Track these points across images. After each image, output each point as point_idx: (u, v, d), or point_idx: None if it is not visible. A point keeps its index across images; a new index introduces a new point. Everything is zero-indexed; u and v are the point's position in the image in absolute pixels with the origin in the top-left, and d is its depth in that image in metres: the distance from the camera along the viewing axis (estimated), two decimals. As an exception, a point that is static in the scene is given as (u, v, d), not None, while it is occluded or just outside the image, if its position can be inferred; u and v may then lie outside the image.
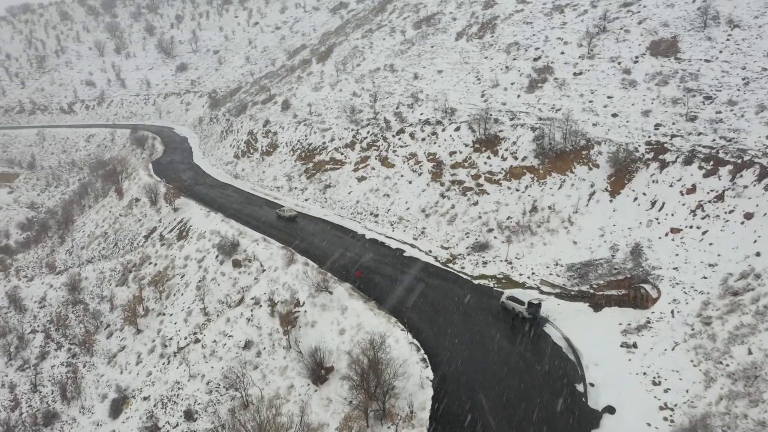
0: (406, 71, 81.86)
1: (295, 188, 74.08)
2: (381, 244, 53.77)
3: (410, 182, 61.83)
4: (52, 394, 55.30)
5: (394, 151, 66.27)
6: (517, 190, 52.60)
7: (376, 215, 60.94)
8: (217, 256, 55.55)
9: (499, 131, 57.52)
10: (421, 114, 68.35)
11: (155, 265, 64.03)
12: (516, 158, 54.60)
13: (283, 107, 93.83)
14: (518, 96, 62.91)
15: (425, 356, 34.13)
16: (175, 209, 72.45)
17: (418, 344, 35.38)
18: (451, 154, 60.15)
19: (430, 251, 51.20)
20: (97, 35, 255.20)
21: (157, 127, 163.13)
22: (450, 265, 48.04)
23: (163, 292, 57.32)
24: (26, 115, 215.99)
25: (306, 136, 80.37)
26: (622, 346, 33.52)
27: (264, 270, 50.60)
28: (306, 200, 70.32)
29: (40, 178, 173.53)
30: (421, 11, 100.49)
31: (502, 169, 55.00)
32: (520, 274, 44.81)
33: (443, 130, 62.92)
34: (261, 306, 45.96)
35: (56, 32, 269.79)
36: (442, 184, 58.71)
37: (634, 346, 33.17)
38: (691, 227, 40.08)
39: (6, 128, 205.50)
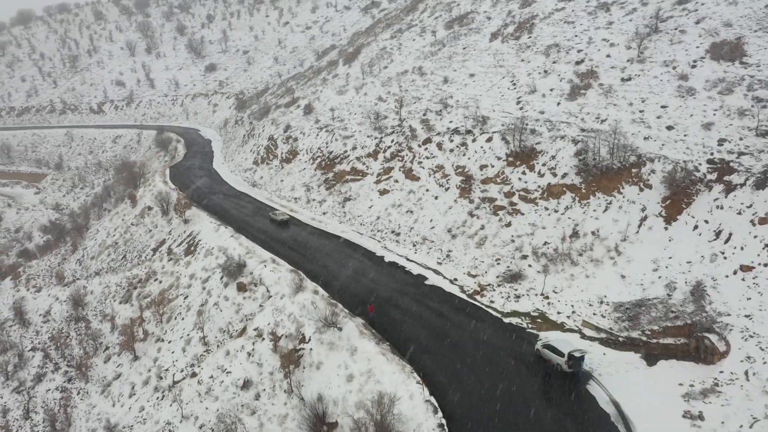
0: (435, 74, 76.49)
1: (314, 200, 69.39)
2: (401, 268, 48.48)
3: (436, 198, 56.52)
4: (43, 422, 51.62)
5: (420, 163, 61.04)
6: (556, 211, 46.80)
7: (398, 234, 55.74)
8: (221, 278, 51.08)
9: (536, 143, 51.74)
10: (450, 122, 62.94)
11: (160, 282, 60.05)
12: (555, 175, 48.76)
13: (306, 111, 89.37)
14: (558, 104, 56.94)
15: (443, 421, 28.71)
16: (186, 221, 68.51)
17: (436, 404, 29.96)
18: (482, 167, 54.59)
19: (456, 279, 45.75)
20: (129, 35, 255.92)
21: (183, 128, 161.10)
22: (477, 297, 42.55)
23: (164, 314, 53.19)
24: (57, 114, 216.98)
25: (327, 143, 75.66)
26: (684, 416, 27.63)
27: (270, 296, 45.88)
28: (324, 214, 65.52)
29: (66, 179, 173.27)
30: (453, 10, 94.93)
31: (539, 186, 49.22)
32: (558, 312, 39.05)
33: (474, 140, 57.40)
34: (264, 339, 41.20)
35: (90, 32, 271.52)
36: (471, 201, 53.22)
37: (700, 417, 27.25)
38: (766, 265, 33.83)
39: (36, 128, 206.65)
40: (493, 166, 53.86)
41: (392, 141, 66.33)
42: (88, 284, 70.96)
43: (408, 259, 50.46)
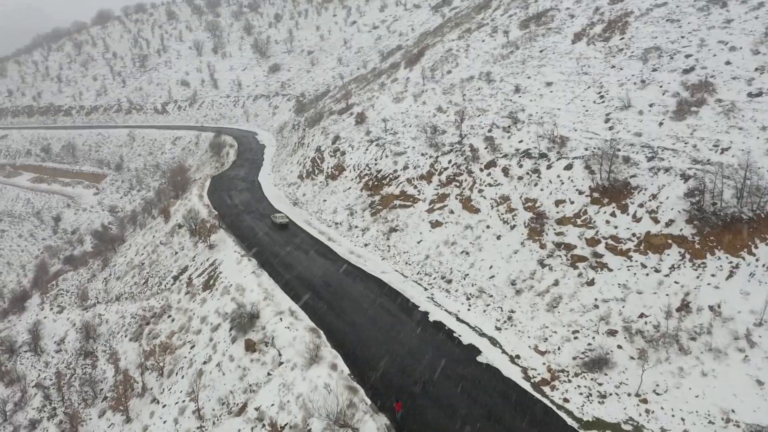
0: (505, 82, 65.63)
1: (356, 227, 60.16)
2: (447, 333, 38.23)
3: (498, 238, 45.99)
4: (22, 487, 44.91)
5: (481, 191, 50.60)
6: (657, 271, 35.43)
7: (449, 281, 45.57)
8: (230, 329, 42.53)
9: (631, 176, 40.35)
10: (520, 141, 52.12)
11: (173, 320, 52.35)
12: (656, 221, 37.31)
13: (357, 121, 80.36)
14: (661, 124, 45.06)
15: None
16: (211, 246, 60.79)
17: None
18: (558, 203, 43.62)
19: (518, 357, 35.18)
20: (198, 34, 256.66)
21: (241, 131, 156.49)
22: (546, 389, 31.90)
23: (165, 366, 45.27)
24: (123, 114, 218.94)
25: (376, 159, 66.26)
26: None
27: (281, 362, 36.82)
28: (365, 246, 56.13)
29: (125, 181, 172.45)
30: (530, 7, 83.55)
31: (634, 234, 37.91)
32: (663, 430, 27.93)
33: (549, 167, 46.46)
34: (264, 427, 32.19)
35: (161, 31, 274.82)
36: (542, 246, 42.43)
37: None
38: None
39: (102, 127, 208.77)
40: (572, 203, 42.81)
41: (449, 162, 56.15)
42: (106, 311, 64.73)
43: (458, 319, 40.21)
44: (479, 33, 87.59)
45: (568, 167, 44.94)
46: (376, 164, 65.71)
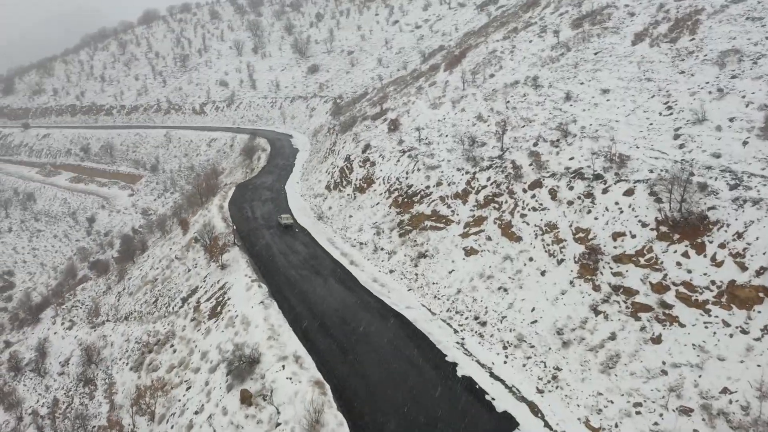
0: (554, 88, 58.61)
1: (382, 249, 54.16)
2: (478, 395, 31.72)
3: (543, 273, 39.33)
4: None
5: (523, 216, 43.96)
6: (745, 332, 28.32)
7: (483, 323, 39.13)
8: (228, 374, 37.09)
9: (709, 208, 33.18)
10: (571, 159, 45.21)
11: (174, 351, 47.47)
12: (744, 267, 30.10)
13: (390, 128, 74.40)
14: (745, 143, 37.59)
15: None
16: (222, 266, 55.74)
17: None
18: (617, 236, 36.68)
19: (564, 434, 28.69)
20: (239, 34, 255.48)
21: (276, 134, 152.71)
22: (600, 486, 25.34)
23: (158, 409, 40.26)
24: (162, 114, 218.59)
25: (407, 173, 60.15)
26: None
27: (278, 424, 31.17)
28: (391, 272, 50.06)
29: (159, 182, 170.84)
30: (584, 5, 76.07)
31: (714, 282, 30.80)
32: None
33: (605, 191, 39.50)
34: None
35: (204, 31, 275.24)
36: (596, 288, 35.61)
37: None
38: None
39: (140, 127, 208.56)
40: (633, 237, 35.81)
41: (488, 179, 49.58)
42: (113, 332, 60.67)
43: (492, 374, 33.74)
44: (526, 33, 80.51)
45: (629, 192, 37.90)
46: (407, 178, 59.59)
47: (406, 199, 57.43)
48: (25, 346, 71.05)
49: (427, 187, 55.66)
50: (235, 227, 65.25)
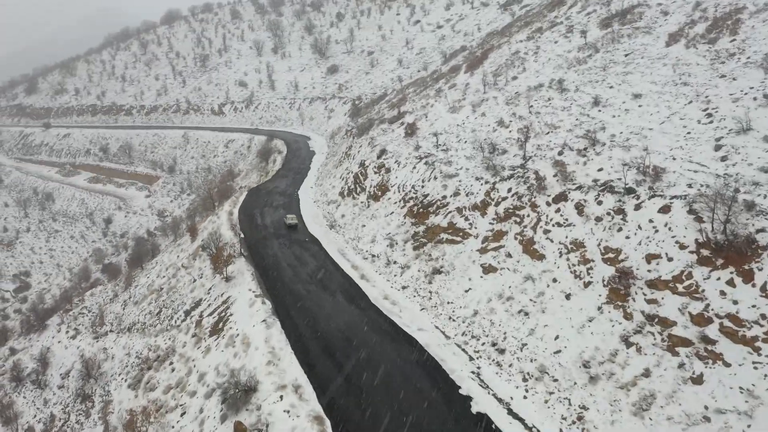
0: (581, 92, 55.03)
1: (395, 263, 51.13)
2: (494, 436, 28.77)
3: (568, 297, 35.98)
4: None
5: (547, 232, 40.61)
6: (803, 377, 24.83)
7: (502, 350, 35.88)
8: (222, 401, 34.34)
9: (758, 231, 29.55)
10: (600, 170, 41.70)
11: (173, 370, 45.03)
12: (800, 300, 26.59)
13: (407, 132, 71.34)
14: (797, 156, 33.95)
15: None
16: (227, 278, 53.15)
17: None
18: (651, 258, 33.19)
19: (592, 488, 25.40)
20: (260, 34, 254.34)
21: (294, 135, 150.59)
22: None
23: (149, 435, 37.83)
24: (181, 114, 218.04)
25: (423, 181, 57.02)
26: None
27: (272, 463, 28.39)
28: (403, 289, 47.01)
29: (176, 184, 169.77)
30: (613, 3, 72.20)
31: (764, 316, 27.25)
32: None
33: (638, 207, 36.00)
34: None
35: (224, 31, 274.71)
36: (627, 316, 32.19)
37: None
38: None
39: (158, 128, 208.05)
40: (670, 260, 32.28)
41: (509, 190, 46.27)
42: (115, 344, 58.61)
43: (510, 412, 30.54)
44: (551, 33, 76.90)
45: (665, 210, 34.37)
46: (423, 187, 56.45)
47: (421, 209, 54.31)
48: (29, 354, 69.36)
49: (444, 197, 52.49)
50: (242, 236, 62.74)
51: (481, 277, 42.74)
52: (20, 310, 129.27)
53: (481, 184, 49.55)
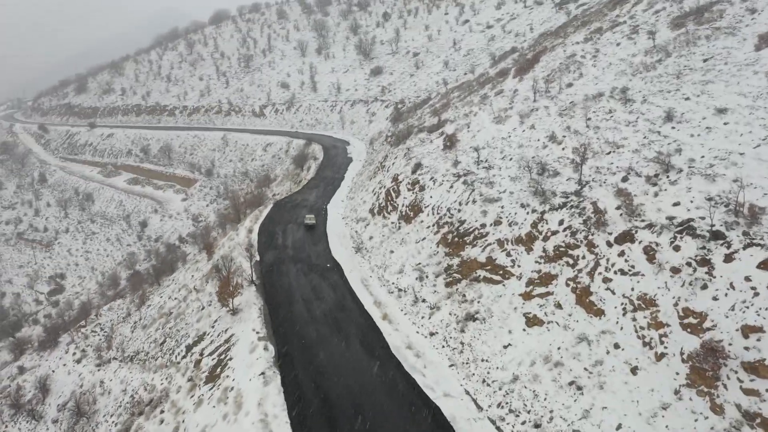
0: (649, 104, 46.90)
1: (423, 301, 44.24)
2: None
3: (634, 371, 28.39)
4: None
5: (607, 281, 33.00)
6: None
7: (547, 435, 28.63)
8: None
9: None
10: (676, 204, 33.80)
11: (161, 421, 39.35)
12: None
13: (446, 145, 64.30)
14: None
15: None
16: (234, 311, 47.28)
17: None
18: (750, 332, 25.27)
19: None
20: (305, 34, 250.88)
21: (333, 140, 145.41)
22: None
23: None
24: (222, 116, 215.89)
25: (460, 204, 49.88)
26: None
27: None
28: (431, 336, 40.04)
29: (213, 187, 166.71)
30: (686, 0, 63.49)
31: None
32: None
33: (729, 258, 28.09)
34: None
35: (270, 31, 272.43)
36: (717, 410, 24.45)
37: None
38: None
39: (198, 129, 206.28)
40: (777, 336, 24.49)
41: (561, 223, 38.75)
42: (115, 375, 53.51)
43: None
44: (613, 34, 68.55)
45: (765, 264, 26.49)
46: (459, 211, 49.30)
47: (456, 238, 47.19)
48: (35, 376, 65.34)
49: (483, 225, 45.22)
50: (258, 258, 56.93)
51: (524, 330, 35.42)
52: (50, 315, 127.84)
53: (527, 213, 42.11)
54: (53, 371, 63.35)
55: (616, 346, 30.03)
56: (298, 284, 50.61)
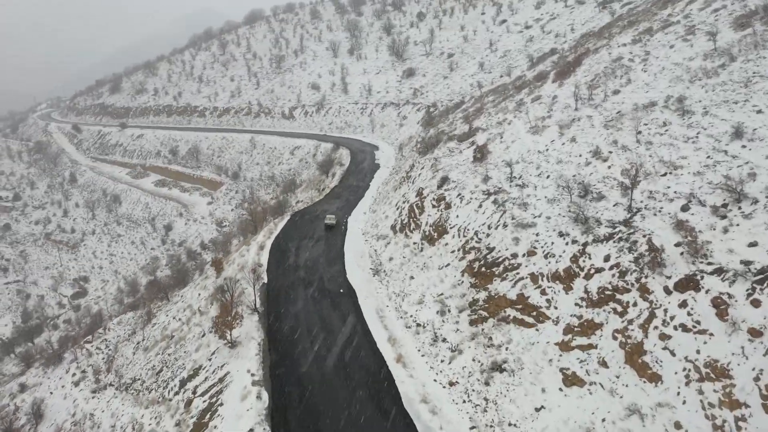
0: (712, 116, 40.59)
1: (444, 340, 38.80)
2: None
3: (702, 463, 22.60)
4: None
5: (665, 338, 27.10)
6: None
7: None
8: None
9: None
10: (752, 245, 27.65)
11: (140, 475, 34.82)
12: None
13: (476, 156, 58.68)
14: None
15: None
16: (232, 344, 42.54)
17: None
18: None
19: None
20: (337, 35, 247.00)
21: (362, 144, 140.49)
22: None
23: None
24: (251, 117, 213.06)
25: (489, 227, 44.25)
26: None
27: None
28: (450, 385, 34.58)
29: (238, 191, 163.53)
30: (751, -3, 56.69)
31: None
32: None
33: (828, 323, 22.15)
34: None
35: (302, 31, 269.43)
36: None
37: None
38: None
39: (227, 131, 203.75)
40: None
41: (607, 259, 32.88)
42: (107, 406, 49.46)
43: None
44: (665, 35, 61.98)
45: None
46: (488, 235, 43.69)
47: (484, 267, 41.59)
48: (34, 396, 61.97)
49: (515, 255, 39.53)
50: (266, 281, 52.20)
51: (560, 390, 29.74)
52: (70, 320, 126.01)
53: (566, 244, 36.31)
54: (51, 393, 59.92)
55: (678, 426, 24.19)
56: (305, 313, 45.61)
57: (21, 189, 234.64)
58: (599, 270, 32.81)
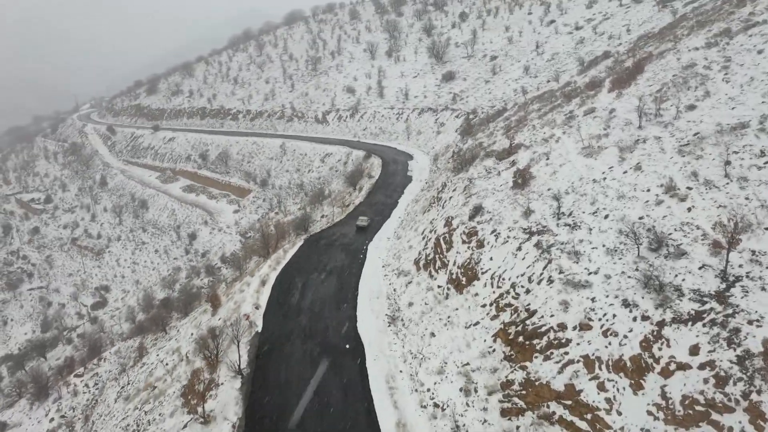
0: (833, 146, 30.88)
1: (464, 429, 30.20)
2: None
3: None
4: None
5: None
6: None
7: None
8: None
9: None
10: None
11: None
12: None
13: (517, 181, 49.62)
14: None
15: None
16: (205, 420, 34.63)
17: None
18: None
19: None
20: (376, 35, 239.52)
21: (395, 153, 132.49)
22: None
23: None
24: (284, 121, 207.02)
25: (530, 281, 35.26)
26: None
27: None
28: None
29: (266, 200, 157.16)
30: None
31: None
32: None
33: None
34: None
35: (340, 32, 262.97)
36: None
37: None
38: None
39: (257, 135, 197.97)
40: None
41: (694, 351, 23.71)
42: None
43: None
44: (748, 38, 51.87)
45: None
46: (528, 291, 34.73)
47: (522, 337, 32.66)
48: (11, 440, 55.72)
49: (562, 325, 30.50)
50: (260, 329, 44.22)
51: None
52: (83, 335, 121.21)
53: (635, 320, 27.16)
54: (23, 442, 53.48)
55: None
56: (298, 381, 37.29)
57: (53, 191, 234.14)
58: (683, 367, 23.64)
